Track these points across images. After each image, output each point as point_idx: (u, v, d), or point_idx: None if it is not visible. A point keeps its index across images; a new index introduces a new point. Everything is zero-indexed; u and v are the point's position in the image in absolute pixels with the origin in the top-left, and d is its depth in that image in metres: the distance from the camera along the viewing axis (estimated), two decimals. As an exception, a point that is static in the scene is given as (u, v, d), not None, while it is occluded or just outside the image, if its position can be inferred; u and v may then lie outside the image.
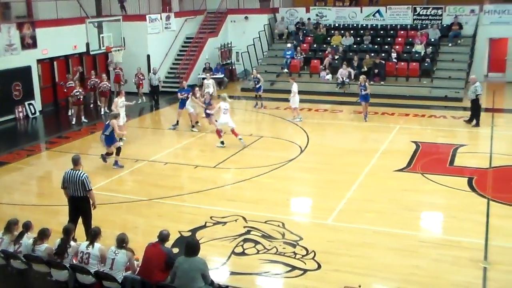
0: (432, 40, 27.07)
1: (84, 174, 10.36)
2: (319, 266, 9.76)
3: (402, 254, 10.18)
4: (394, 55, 26.18)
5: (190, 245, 7.81)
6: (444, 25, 27.99)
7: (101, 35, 22.11)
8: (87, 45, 21.64)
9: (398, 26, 28.95)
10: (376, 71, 25.47)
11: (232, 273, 9.69)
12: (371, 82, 25.17)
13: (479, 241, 10.60)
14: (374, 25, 29.46)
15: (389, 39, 28.13)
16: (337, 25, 29.97)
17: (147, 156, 16.59)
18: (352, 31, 28.82)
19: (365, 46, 27.57)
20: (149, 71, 26.53)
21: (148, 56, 26.95)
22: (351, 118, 21.54)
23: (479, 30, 27.27)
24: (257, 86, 23.02)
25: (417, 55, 26.09)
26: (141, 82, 25.04)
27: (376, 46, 27.56)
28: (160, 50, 27.96)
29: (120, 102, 17.95)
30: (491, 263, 9.73)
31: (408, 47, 27.08)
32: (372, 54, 26.36)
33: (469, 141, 17.95)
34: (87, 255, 8.28)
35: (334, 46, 27.59)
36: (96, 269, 8.20)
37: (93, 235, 8.42)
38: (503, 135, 18.74)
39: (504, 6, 27.35)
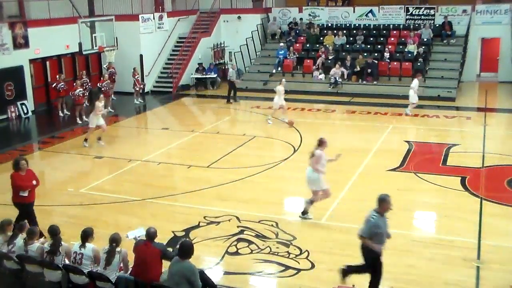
0: (425, 40, 27.17)
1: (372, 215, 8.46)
2: (313, 266, 9.78)
3: (395, 254, 10.15)
4: (387, 54, 26.26)
5: (183, 247, 7.76)
6: (437, 25, 28.13)
7: (93, 35, 22.05)
8: (80, 44, 21.56)
9: (391, 26, 29.07)
10: (369, 70, 25.53)
11: (226, 273, 9.69)
12: (364, 82, 25.34)
13: (472, 240, 10.65)
14: (367, 24, 29.57)
15: (382, 38, 28.22)
16: (330, 25, 30.05)
17: (140, 156, 16.56)
18: (345, 31, 28.89)
19: (358, 46, 27.63)
20: (142, 71, 26.52)
21: (141, 56, 26.89)
22: (344, 118, 21.60)
23: (471, 30, 27.44)
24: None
25: (409, 55, 26.17)
26: (137, 81, 24.96)
27: (369, 46, 27.63)
28: (153, 50, 27.89)
29: (101, 106, 17.63)
30: (484, 262, 9.78)
31: (400, 46, 27.16)
32: (365, 54, 26.42)
33: (462, 141, 18.01)
34: (80, 256, 8.26)
35: (327, 46, 27.63)
36: (89, 269, 8.18)
37: (85, 235, 8.39)
38: (495, 135, 18.86)
39: (496, 6, 27.52)
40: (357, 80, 25.73)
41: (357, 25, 29.62)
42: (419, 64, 25.45)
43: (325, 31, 29.32)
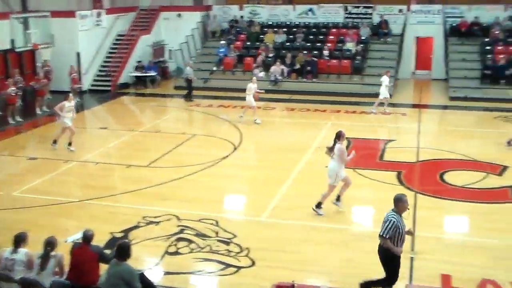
0: (363, 38, 27.74)
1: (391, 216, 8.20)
2: (253, 263, 9.80)
3: (335, 248, 10.37)
4: (326, 52, 26.65)
5: (120, 248, 7.59)
6: (374, 24, 28.80)
7: (27, 32, 21.32)
8: (12, 41, 20.78)
9: (330, 24, 29.54)
10: (308, 68, 25.85)
11: (166, 273, 9.60)
12: (304, 79, 25.65)
13: (407, 232, 10.95)
14: (306, 23, 29.93)
15: (321, 36, 28.61)
16: (270, 23, 30.27)
17: (78, 157, 16.16)
18: (285, 29, 29.17)
19: (297, 44, 27.92)
20: (79, 68, 25.91)
21: (78, 54, 26.24)
22: (284, 115, 21.79)
23: (406, 29, 28.27)
24: None
25: (348, 53, 26.66)
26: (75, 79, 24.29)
27: (308, 44, 27.95)
28: (91, 48, 27.25)
29: (67, 106, 16.86)
30: (418, 253, 10.09)
31: (339, 44, 27.62)
32: (305, 52, 26.73)
33: (398, 136, 18.51)
34: (11, 262, 7.94)
35: (267, 43, 27.80)
36: (22, 275, 7.90)
37: (17, 240, 8.08)
38: (429, 130, 19.47)
39: (429, 7, 28.47)
40: (297, 78, 25.99)
41: (297, 23, 29.99)
42: (357, 61, 25.98)
43: (266, 29, 29.48)
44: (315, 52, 26.99)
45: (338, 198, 12.09)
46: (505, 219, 11.72)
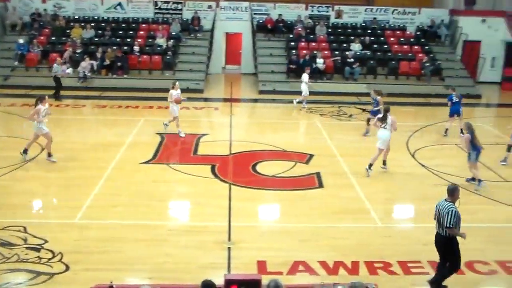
0: (174, 33, 27.86)
1: (451, 206, 8.51)
2: (68, 268, 9.33)
3: (152, 245, 10.28)
4: (136, 48, 26.29)
5: None
6: (185, 19, 29.09)
7: None
8: None
9: (140, 19, 29.22)
10: (119, 64, 25.28)
11: (-37, 293, 8.72)
12: (114, 76, 25.01)
13: (222, 224, 11.24)
14: (115, 17, 29.29)
15: (131, 32, 28.20)
16: (77, 17, 29.03)
17: None
18: (93, 24, 28.19)
19: (107, 39, 27.16)
20: None
21: None
22: (95, 112, 21.06)
23: (216, 25, 29.00)
24: None
25: (159, 48, 26.59)
26: None
27: (118, 39, 27.37)
28: None
29: (43, 110, 14.60)
30: (234, 243, 10.41)
31: (150, 40, 27.45)
32: (115, 47, 26.09)
33: (211, 130, 18.94)
34: None
35: (74, 39, 26.62)
36: None
37: None
38: (240, 123, 20.22)
39: (237, 3, 29.52)
40: (107, 74, 25.30)
41: (105, 18, 29.18)
42: (168, 57, 26.03)
43: (72, 24, 28.21)
44: (125, 47, 26.50)
45: (370, 166, 14.21)
46: (310, 204, 12.56)
